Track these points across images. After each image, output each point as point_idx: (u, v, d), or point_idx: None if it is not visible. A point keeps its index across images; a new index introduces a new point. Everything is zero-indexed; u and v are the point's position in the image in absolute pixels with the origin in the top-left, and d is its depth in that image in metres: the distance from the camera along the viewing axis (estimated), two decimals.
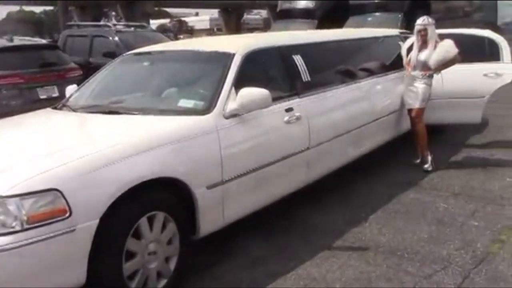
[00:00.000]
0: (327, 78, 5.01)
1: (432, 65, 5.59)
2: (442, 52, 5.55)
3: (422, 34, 5.62)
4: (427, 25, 5.63)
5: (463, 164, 5.88)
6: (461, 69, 5.92)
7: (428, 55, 5.59)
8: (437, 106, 6.02)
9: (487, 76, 6.06)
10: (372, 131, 5.43)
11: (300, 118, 4.21)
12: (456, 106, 6.18)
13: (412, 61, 5.73)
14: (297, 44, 4.80)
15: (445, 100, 6.10)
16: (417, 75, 5.68)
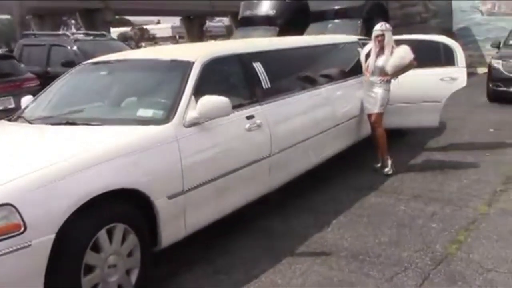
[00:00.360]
0: (287, 85, 5.04)
1: (389, 71, 5.72)
2: (398, 58, 5.68)
3: (379, 40, 5.73)
4: (385, 31, 5.75)
5: (422, 167, 6.01)
6: (418, 74, 6.07)
7: (385, 60, 5.72)
8: (396, 111, 6.15)
9: (443, 80, 6.23)
10: (334, 137, 5.49)
11: (261, 125, 4.22)
12: (414, 111, 6.33)
13: (370, 67, 5.83)
14: (257, 51, 4.82)
15: (404, 105, 6.24)
16: (375, 80, 5.79)
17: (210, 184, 3.68)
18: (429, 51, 6.42)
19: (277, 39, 7.80)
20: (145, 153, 3.25)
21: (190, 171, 3.49)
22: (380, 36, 5.73)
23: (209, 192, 3.70)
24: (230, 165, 3.88)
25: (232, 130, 3.97)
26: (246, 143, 4.09)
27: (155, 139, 3.38)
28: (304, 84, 5.32)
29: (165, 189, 3.32)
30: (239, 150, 4.01)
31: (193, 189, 3.53)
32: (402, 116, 6.27)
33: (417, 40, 6.56)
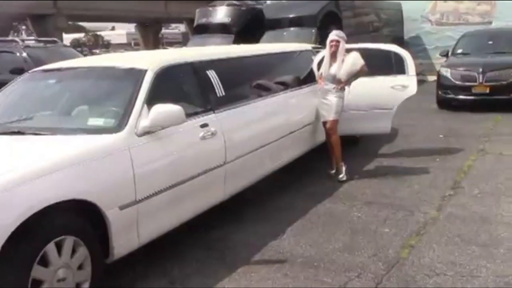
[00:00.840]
0: (242, 93, 5.06)
1: (342, 78, 5.81)
2: (350, 64, 5.79)
3: (333, 45, 5.83)
4: (341, 38, 5.86)
5: (375, 173, 6.13)
6: (370, 82, 6.21)
7: (337, 68, 5.80)
8: (350, 118, 6.25)
9: (394, 88, 6.38)
10: (289, 144, 5.53)
11: (215, 134, 4.21)
12: (367, 118, 6.46)
13: (324, 74, 5.91)
14: (211, 59, 4.81)
15: (357, 112, 6.36)
16: (329, 88, 5.87)
17: (164, 193, 3.64)
18: (380, 59, 6.57)
19: (232, 47, 7.82)
20: (95, 163, 3.18)
21: (143, 180, 3.44)
22: (335, 42, 5.82)
23: (163, 202, 3.65)
24: (184, 173, 3.84)
25: (186, 138, 3.95)
26: (200, 151, 4.07)
27: (106, 148, 3.32)
28: (259, 92, 5.34)
29: (117, 199, 3.26)
30: (193, 159, 3.98)
31: (146, 199, 3.47)
32: (355, 123, 6.38)
33: (370, 48, 6.69)
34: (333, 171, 6.00)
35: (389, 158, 6.79)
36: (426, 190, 5.41)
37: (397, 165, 6.45)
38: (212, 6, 15.60)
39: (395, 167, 6.35)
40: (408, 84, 6.38)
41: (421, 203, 5.02)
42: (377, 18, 15.48)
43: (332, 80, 5.84)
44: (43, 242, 2.83)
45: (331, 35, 5.92)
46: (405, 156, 6.85)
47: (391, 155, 6.96)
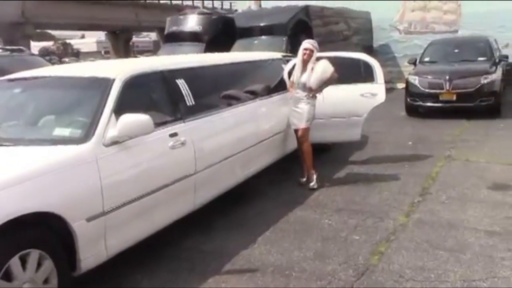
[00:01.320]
0: (212, 102, 5.04)
1: (313, 86, 5.85)
2: (319, 73, 5.82)
3: (306, 53, 5.86)
4: (314, 48, 5.90)
5: (346, 180, 6.18)
6: (340, 90, 6.26)
7: (307, 76, 5.84)
8: (321, 126, 6.29)
9: (363, 96, 6.45)
10: (260, 152, 5.54)
11: (185, 143, 4.18)
12: (338, 125, 6.52)
13: (295, 82, 5.94)
14: (180, 68, 4.79)
15: (328, 120, 6.41)
16: (301, 96, 5.90)
17: (133, 204, 3.59)
18: (350, 68, 6.64)
19: (202, 56, 7.80)
20: (61, 174, 3.12)
21: (111, 191, 3.39)
22: (309, 51, 5.85)
23: (132, 212, 3.60)
24: (153, 184, 3.81)
25: (155, 148, 3.92)
26: (169, 161, 4.04)
27: (73, 159, 3.26)
28: (229, 101, 5.33)
29: (84, 211, 3.20)
30: (162, 168, 3.95)
31: (114, 210, 3.42)
32: (326, 131, 6.42)
33: (339, 57, 6.76)
34: (304, 179, 6.03)
35: (360, 165, 6.86)
36: (396, 196, 5.48)
37: (367, 172, 6.52)
38: (183, 15, 15.60)
39: (366, 174, 6.42)
40: (377, 92, 6.46)
41: (391, 209, 5.08)
42: (347, 27, 15.68)
43: (303, 88, 5.88)
44: (7, 256, 2.76)
45: (305, 43, 5.96)
46: (375, 163, 6.93)
47: (362, 162, 7.03)
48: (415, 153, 7.46)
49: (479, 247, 4.10)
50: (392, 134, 8.95)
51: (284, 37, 12.32)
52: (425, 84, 10.46)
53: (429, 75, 10.66)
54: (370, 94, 6.44)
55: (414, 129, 9.27)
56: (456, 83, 10.11)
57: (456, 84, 10.10)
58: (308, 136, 5.97)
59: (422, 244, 4.19)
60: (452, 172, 6.37)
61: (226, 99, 5.35)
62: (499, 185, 5.70)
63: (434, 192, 5.55)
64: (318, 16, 13.79)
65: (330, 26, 14.54)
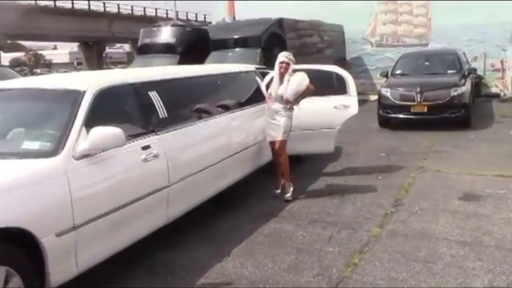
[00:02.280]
0: (185, 114, 5.02)
1: (290, 98, 5.87)
2: (296, 85, 5.85)
3: (283, 67, 5.90)
4: (290, 61, 5.94)
5: (320, 192, 6.21)
6: (314, 102, 6.30)
7: (284, 89, 5.86)
8: (295, 137, 6.30)
9: (336, 108, 6.52)
10: (234, 164, 5.52)
11: (158, 155, 4.15)
12: (312, 137, 6.57)
13: (273, 95, 5.94)
14: (153, 80, 4.76)
15: (302, 132, 6.44)
16: (278, 108, 5.91)
17: (104, 218, 3.54)
18: (323, 80, 6.71)
19: (176, 68, 7.78)
20: (30, 188, 3.05)
21: (81, 205, 3.33)
22: (285, 64, 5.89)
23: (103, 227, 3.54)
24: (125, 197, 3.76)
25: (127, 161, 3.87)
26: (142, 173, 4.00)
27: (42, 173, 3.20)
28: (203, 113, 5.31)
29: (53, 226, 3.14)
30: (134, 182, 3.90)
31: (85, 224, 3.36)
32: (300, 143, 6.46)
33: (313, 69, 6.80)
34: (279, 191, 6.03)
35: (333, 177, 6.90)
36: (369, 207, 5.52)
37: (341, 183, 6.56)
38: (156, 26, 15.59)
39: (339, 186, 6.46)
40: (350, 104, 6.54)
41: (365, 220, 5.11)
42: (320, 40, 15.87)
43: (280, 100, 5.89)
44: None
45: (281, 57, 5.99)
46: (349, 175, 6.99)
47: (335, 174, 7.07)
48: (388, 164, 7.55)
49: (450, 258, 4.16)
50: (365, 145, 9.04)
51: (258, 49, 12.42)
52: (397, 96, 10.61)
53: (401, 87, 10.83)
54: (343, 106, 6.51)
55: (387, 141, 9.38)
56: (427, 95, 10.28)
57: (427, 96, 10.27)
58: (285, 148, 5.97)
59: (396, 255, 4.23)
60: (424, 183, 6.46)
61: (199, 111, 5.32)
62: (470, 196, 5.81)
63: (407, 203, 5.62)
64: (292, 28, 13.95)
65: (304, 38, 14.72)
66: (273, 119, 5.95)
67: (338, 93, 6.64)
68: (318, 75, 6.62)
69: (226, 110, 5.71)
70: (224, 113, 5.61)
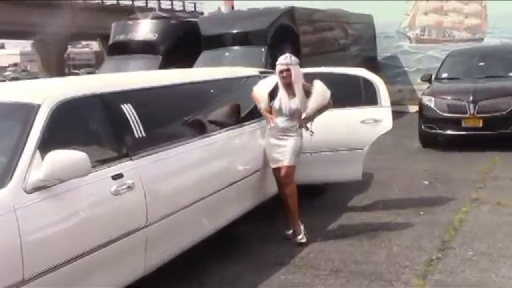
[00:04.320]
0: (169, 133, 5.06)
1: (308, 113, 5.91)
2: (320, 97, 5.89)
3: (284, 76, 5.88)
4: (290, 65, 5.89)
5: (344, 233, 6.20)
6: (335, 116, 6.33)
7: (299, 102, 5.85)
8: (310, 162, 6.33)
9: (364, 123, 6.55)
10: (231, 197, 5.55)
11: (133, 187, 4.17)
12: (332, 161, 6.59)
13: (282, 108, 5.88)
14: (127, 89, 4.81)
15: (318, 154, 6.46)
16: (287, 125, 5.92)
17: (63, 268, 3.54)
18: (347, 87, 6.78)
19: (157, 73, 7.86)
20: None
21: (34, 252, 3.34)
22: (285, 72, 5.88)
23: (62, 280, 3.55)
24: (90, 241, 3.77)
25: (93, 194, 3.90)
26: (112, 210, 4.02)
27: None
28: (192, 131, 5.36)
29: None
30: (103, 221, 3.92)
31: (38, 277, 3.37)
32: (317, 169, 6.48)
33: (334, 73, 6.87)
34: (290, 232, 6.02)
35: (361, 212, 6.91)
36: (408, 252, 5.51)
37: (371, 221, 6.56)
38: (133, 19, 15.72)
39: (369, 224, 6.46)
40: (382, 118, 6.57)
41: (402, 270, 5.11)
42: (343, 34, 15.98)
43: (292, 116, 5.91)
44: None
45: (278, 64, 5.96)
46: (381, 209, 6.99)
47: (364, 208, 7.08)
48: (432, 195, 7.55)
49: None
50: (402, 171, 9.05)
51: (263, 47, 12.48)
52: (443, 107, 10.63)
53: (448, 95, 10.85)
54: (373, 120, 6.54)
55: (431, 164, 9.39)
56: (483, 105, 10.29)
57: (483, 107, 10.28)
58: (293, 176, 5.97)
59: None
60: (480, 219, 6.45)
61: (188, 128, 5.37)
62: None
63: (457, 247, 5.60)
64: (306, 20, 14.06)
65: (322, 33, 14.82)
66: (278, 139, 5.95)
67: (367, 104, 6.69)
68: (340, 80, 6.70)
69: (223, 127, 5.74)
70: (219, 131, 5.63)
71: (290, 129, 5.94)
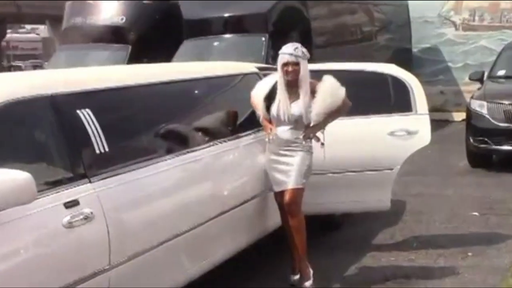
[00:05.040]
0: (141, 147, 5.10)
1: (315, 120, 5.91)
2: (328, 98, 5.85)
3: (289, 71, 5.85)
4: (300, 57, 5.87)
5: (367, 278, 6.23)
6: (356, 127, 6.37)
7: (304, 106, 5.85)
8: (321, 186, 6.33)
9: (394, 135, 6.56)
10: (221, 231, 5.56)
11: (92, 218, 4.17)
12: (351, 184, 6.61)
13: (282, 116, 5.92)
14: (89, 90, 4.79)
15: (333, 176, 6.48)
16: (291, 137, 5.92)
17: None
18: (371, 89, 6.79)
19: (126, 69, 7.86)
20: None
21: None
22: (291, 65, 5.86)
23: None
24: None
25: (39, 227, 3.90)
26: (64, 248, 4.01)
27: None
28: (170, 145, 5.38)
29: None
30: (51, 262, 3.92)
31: None
32: (331, 194, 6.47)
33: (354, 71, 6.89)
34: (296, 277, 6.03)
35: (390, 252, 6.92)
36: None
37: (403, 264, 6.57)
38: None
39: (401, 267, 6.47)
40: (417, 129, 6.58)
41: None
42: (368, 19, 15.99)
43: (296, 125, 5.92)
44: None
45: (282, 54, 5.93)
46: (416, 249, 7.00)
47: (393, 247, 7.10)
48: (484, 231, 7.56)
49: None
50: (444, 198, 9.05)
51: (264, 36, 12.48)
52: (499, 115, 10.66)
53: (506, 99, 10.87)
54: (405, 132, 6.56)
55: (482, 190, 9.40)
56: None
57: None
58: (300, 203, 5.95)
59: None
60: None
61: (164, 142, 5.38)
62: None
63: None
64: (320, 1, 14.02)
65: (340, 18, 14.82)
66: (281, 154, 5.96)
67: (397, 111, 6.71)
68: (362, 79, 6.73)
69: (210, 140, 5.75)
70: (206, 145, 5.64)
71: (294, 141, 5.93)
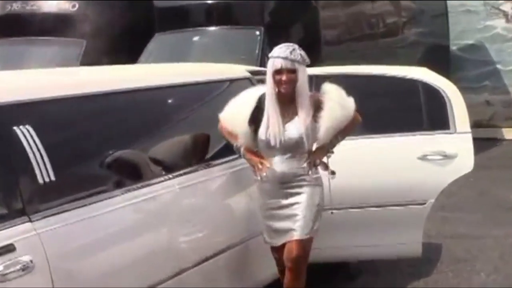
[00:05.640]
0: (93, 176, 5.13)
1: (323, 139, 5.86)
2: (338, 110, 5.80)
3: (283, 81, 5.69)
4: (297, 63, 5.73)
5: None
6: (375, 149, 6.40)
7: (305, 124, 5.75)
8: (334, 226, 6.32)
9: (427, 160, 6.57)
10: None
11: (31, 267, 4.18)
12: (370, 224, 6.60)
13: (271, 140, 5.76)
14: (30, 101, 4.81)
15: (346, 213, 6.48)
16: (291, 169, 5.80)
17: None
18: (396, 100, 6.81)
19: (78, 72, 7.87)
20: None
21: None
22: (287, 73, 5.70)
23: None
24: None
25: None
26: None
27: None
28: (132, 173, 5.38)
29: None
30: None
31: None
32: (344, 237, 6.48)
33: (372, 76, 6.91)
34: None
35: None
36: None
37: None
38: None
39: None
40: (457, 151, 6.61)
41: None
42: (392, 9, 16.05)
43: (294, 151, 5.84)
44: None
45: (274, 59, 5.76)
46: None
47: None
48: None
49: None
50: (493, 240, 9.06)
51: (259, 29, 12.53)
52: None
53: None
54: (441, 155, 6.57)
55: None
56: None
57: None
58: (307, 259, 5.91)
59: None
60: None
61: (124, 169, 5.38)
62: None
63: None
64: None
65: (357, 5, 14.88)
66: (281, 196, 5.87)
67: (430, 128, 6.74)
68: (384, 88, 6.75)
69: (180, 168, 5.76)
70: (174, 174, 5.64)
71: (296, 173, 5.85)
